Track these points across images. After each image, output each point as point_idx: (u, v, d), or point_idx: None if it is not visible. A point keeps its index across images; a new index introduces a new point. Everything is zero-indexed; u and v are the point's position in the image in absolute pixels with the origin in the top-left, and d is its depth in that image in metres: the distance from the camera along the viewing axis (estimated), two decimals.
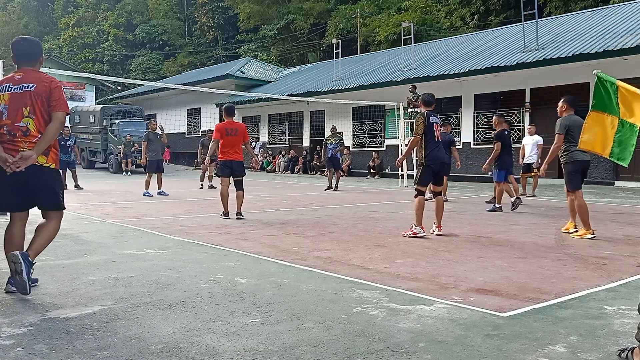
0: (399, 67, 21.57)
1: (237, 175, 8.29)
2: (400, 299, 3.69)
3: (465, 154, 19.00)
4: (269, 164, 26.10)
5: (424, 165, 6.47)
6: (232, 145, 8.15)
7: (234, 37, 45.77)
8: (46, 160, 3.75)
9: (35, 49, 3.90)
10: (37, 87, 3.72)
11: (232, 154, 8.16)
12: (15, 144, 3.68)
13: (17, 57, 3.86)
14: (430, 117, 6.48)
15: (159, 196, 12.05)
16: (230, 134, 8.12)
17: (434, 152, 6.44)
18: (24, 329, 3.01)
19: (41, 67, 3.99)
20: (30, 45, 3.91)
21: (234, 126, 8.21)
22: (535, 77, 16.77)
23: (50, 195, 3.80)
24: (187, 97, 30.27)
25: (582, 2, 26.10)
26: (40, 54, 3.93)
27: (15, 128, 3.69)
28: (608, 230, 6.97)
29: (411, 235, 6.31)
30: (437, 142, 6.48)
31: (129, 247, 5.63)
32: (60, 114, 3.73)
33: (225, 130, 8.12)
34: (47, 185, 3.78)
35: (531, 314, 3.35)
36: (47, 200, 3.81)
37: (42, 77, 3.78)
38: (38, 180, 3.74)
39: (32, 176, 3.68)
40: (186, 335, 2.94)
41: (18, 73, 3.83)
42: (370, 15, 34.52)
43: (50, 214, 3.86)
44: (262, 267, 4.73)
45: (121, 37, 50.33)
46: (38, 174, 3.72)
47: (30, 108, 3.71)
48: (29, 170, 3.64)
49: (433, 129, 6.44)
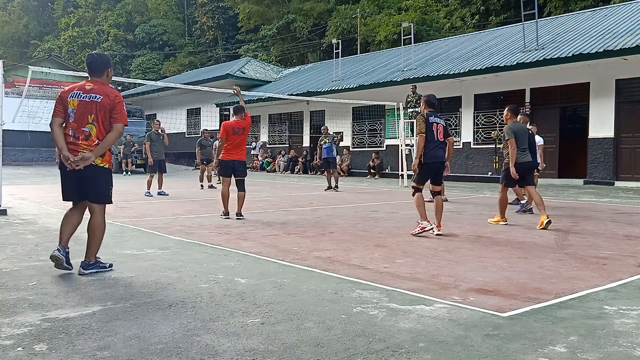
0: (399, 67, 21.58)
1: (239, 175, 8.21)
2: (400, 299, 3.69)
3: (465, 154, 19.01)
4: (269, 164, 26.09)
5: (422, 163, 6.54)
6: (237, 145, 8.05)
7: (234, 37, 45.78)
8: (101, 161, 4.36)
9: (103, 63, 4.47)
10: (103, 99, 4.29)
11: (236, 153, 8.08)
12: (77, 145, 4.26)
13: (88, 68, 4.46)
14: (430, 118, 6.54)
15: (158, 196, 12.05)
16: (237, 133, 8.02)
17: (432, 151, 6.50)
18: (24, 329, 3.01)
19: (110, 79, 4.54)
20: (99, 59, 4.52)
21: (241, 125, 8.09)
22: (535, 77, 16.77)
23: (100, 191, 4.41)
24: (187, 97, 30.30)
25: (582, 2, 26.11)
26: (106, 68, 4.48)
27: (80, 131, 4.27)
28: (608, 230, 6.97)
29: (420, 231, 6.40)
30: (436, 142, 6.52)
31: (129, 247, 5.63)
32: (120, 125, 4.34)
33: (232, 129, 7.99)
34: (100, 183, 4.37)
35: (531, 314, 3.35)
36: (97, 195, 4.39)
37: (108, 92, 4.36)
38: (93, 178, 4.33)
39: (89, 174, 4.28)
40: (186, 335, 2.94)
41: (89, 83, 4.42)
42: (370, 15, 34.53)
43: (94, 208, 4.42)
44: (262, 267, 4.73)
45: (121, 37, 50.35)
46: (94, 172, 4.31)
47: (94, 116, 4.27)
48: (87, 169, 4.24)
49: (432, 129, 6.50)
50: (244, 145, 8.17)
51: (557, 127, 16.75)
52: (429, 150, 6.49)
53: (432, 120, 6.55)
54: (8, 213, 8.40)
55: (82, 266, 4.36)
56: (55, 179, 17.69)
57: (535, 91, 17.20)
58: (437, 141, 6.53)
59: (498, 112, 18.04)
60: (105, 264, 4.53)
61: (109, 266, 4.55)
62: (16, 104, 11.06)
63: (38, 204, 10.02)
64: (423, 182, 6.71)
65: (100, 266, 4.45)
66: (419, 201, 6.54)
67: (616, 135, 15.37)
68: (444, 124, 6.72)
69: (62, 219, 4.54)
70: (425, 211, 6.55)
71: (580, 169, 16.32)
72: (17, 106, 10.28)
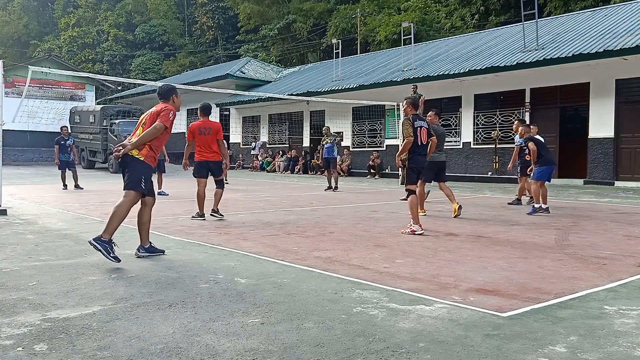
0: (399, 67, 21.58)
1: (215, 175, 8.10)
2: (400, 299, 3.69)
3: (465, 154, 19.00)
4: (269, 164, 26.09)
5: (409, 167, 6.82)
6: (207, 145, 7.90)
7: (234, 37, 45.76)
8: (138, 153, 4.97)
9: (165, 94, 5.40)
10: (154, 110, 5.23)
11: (209, 154, 7.93)
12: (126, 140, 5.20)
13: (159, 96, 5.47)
14: (415, 122, 6.75)
15: (159, 196, 12.04)
16: (204, 133, 7.88)
17: (417, 156, 6.77)
18: (24, 329, 3.01)
19: (173, 102, 5.38)
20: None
21: (207, 125, 7.96)
22: (535, 77, 16.77)
23: (132, 179, 4.98)
24: (187, 97, 30.13)
25: (582, 2, 26.10)
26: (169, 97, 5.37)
27: (132, 132, 5.28)
28: (608, 230, 6.97)
29: (409, 233, 6.54)
30: (420, 147, 6.77)
31: (129, 247, 5.62)
32: (158, 123, 5.01)
33: (198, 129, 7.90)
34: (132, 171, 4.99)
35: (531, 314, 3.35)
36: (129, 182, 4.98)
37: (160, 105, 5.26)
38: (128, 167, 5.01)
39: (127, 163, 5.02)
40: (186, 335, 2.94)
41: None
42: (370, 15, 34.53)
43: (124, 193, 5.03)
44: (262, 267, 4.73)
45: (121, 37, 50.33)
46: (129, 161, 5.00)
47: (145, 122, 5.16)
48: (125, 159, 5.00)
49: (417, 133, 6.71)
50: (215, 146, 7.93)
51: (557, 127, 16.75)
52: (413, 155, 6.74)
53: (418, 124, 6.76)
54: (8, 213, 8.40)
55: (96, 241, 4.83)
56: (55, 179, 17.71)
57: (535, 91, 17.20)
58: (421, 145, 6.78)
59: (498, 112, 18.04)
60: (160, 248, 5.29)
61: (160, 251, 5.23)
62: (16, 104, 11.07)
63: (38, 204, 10.02)
64: (415, 182, 6.89)
65: (104, 246, 4.75)
66: (412, 204, 6.69)
67: (616, 135, 15.36)
68: (427, 127, 6.98)
69: None
70: (418, 215, 6.73)
71: (580, 169, 16.32)
72: (17, 106, 10.28)
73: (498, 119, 18.02)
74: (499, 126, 17.97)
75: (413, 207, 6.68)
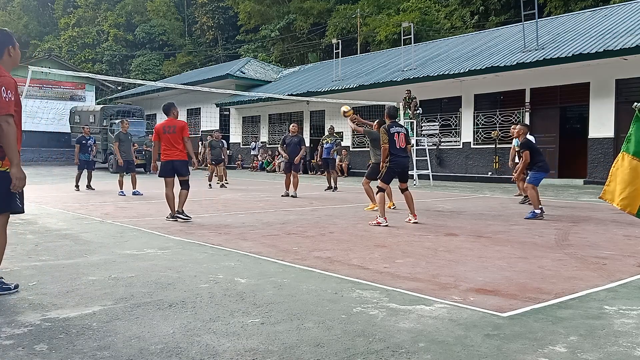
0: (399, 67, 21.57)
1: (181, 175, 7.88)
2: (400, 299, 3.69)
3: (465, 154, 19.01)
4: (269, 164, 26.09)
5: (388, 167, 7.57)
6: (172, 144, 7.77)
7: (234, 37, 45.76)
8: None
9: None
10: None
11: (173, 153, 7.77)
12: None
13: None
14: (391, 129, 7.58)
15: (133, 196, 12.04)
16: (168, 132, 7.77)
17: (396, 158, 7.57)
18: (24, 329, 3.01)
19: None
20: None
21: (172, 124, 7.81)
22: (535, 77, 16.77)
23: None
24: (187, 97, 30.26)
25: (582, 2, 26.11)
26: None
27: None
28: (608, 230, 6.97)
29: (376, 224, 7.27)
30: (397, 149, 7.55)
31: (129, 247, 5.63)
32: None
33: (162, 128, 7.80)
34: None
35: (531, 314, 3.35)
36: None
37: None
38: None
39: None
40: (186, 335, 2.94)
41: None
42: (370, 15, 34.53)
43: None
44: (262, 267, 4.73)
45: (121, 37, 50.32)
46: None
47: None
48: None
49: (394, 138, 7.54)
50: (181, 145, 7.78)
51: (557, 127, 16.75)
52: (392, 157, 7.53)
53: (394, 130, 7.56)
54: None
55: None
56: (55, 179, 17.71)
57: (535, 91, 17.20)
58: (398, 149, 7.57)
59: (498, 112, 18.04)
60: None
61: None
62: None
63: (38, 204, 10.01)
64: (388, 182, 7.73)
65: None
66: (380, 200, 7.50)
67: (616, 135, 15.35)
68: (404, 131, 7.78)
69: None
70: (384, 209, 7.54)
71: (580, 169, 16.32)
72: None
73: (498, 119, 18.02)
74: (499, 126, 17.97)
75: (381, 202, 7.46)
